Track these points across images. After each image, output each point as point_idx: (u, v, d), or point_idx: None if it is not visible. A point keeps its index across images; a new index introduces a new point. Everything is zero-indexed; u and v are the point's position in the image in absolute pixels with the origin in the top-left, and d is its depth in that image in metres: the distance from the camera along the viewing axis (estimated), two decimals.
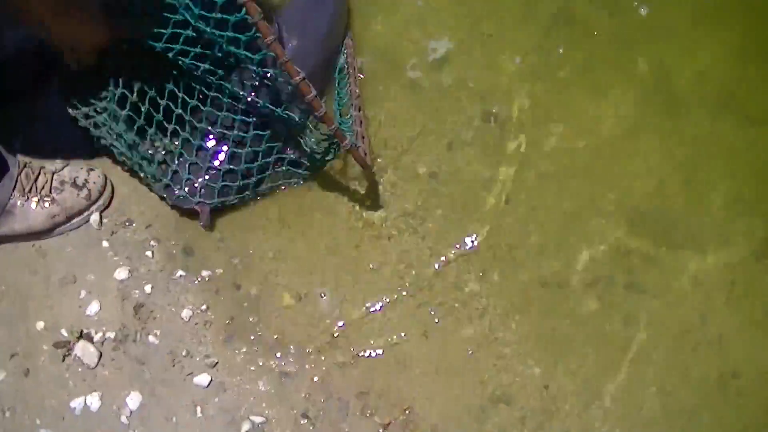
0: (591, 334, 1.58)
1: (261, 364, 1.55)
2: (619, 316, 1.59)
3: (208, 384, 1.53)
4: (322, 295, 1.61)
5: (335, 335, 1.57)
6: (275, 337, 1.57)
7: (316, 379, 1.53)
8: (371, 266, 1.64)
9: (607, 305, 1.61)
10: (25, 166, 1.57)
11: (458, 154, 1.76)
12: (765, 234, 1.70)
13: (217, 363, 1.55)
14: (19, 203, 1.56)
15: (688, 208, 1.72)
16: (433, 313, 1.60)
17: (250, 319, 1.59)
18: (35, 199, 1.57)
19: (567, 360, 1.56)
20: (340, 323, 1.59)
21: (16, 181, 1.55)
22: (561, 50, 1.90)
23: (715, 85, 1.87)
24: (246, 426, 1.49)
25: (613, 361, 1.56)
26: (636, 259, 1.65)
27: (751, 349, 1.58)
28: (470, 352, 1.57)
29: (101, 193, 1.64)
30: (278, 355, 1.55)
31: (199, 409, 1.51)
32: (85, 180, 1.62)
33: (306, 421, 1.51)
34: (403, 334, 1.58)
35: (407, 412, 1.52)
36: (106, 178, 1.65)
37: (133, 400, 1.51)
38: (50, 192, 1.58)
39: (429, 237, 1.68)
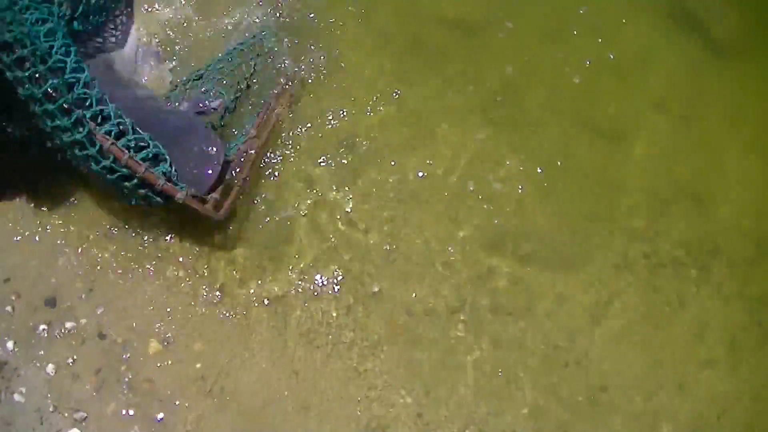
0: (460, 360, 1.59)
1: (132, 414, 1.52)
2: (487, 339, 1.59)
3: None
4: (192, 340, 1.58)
5: (204, 377, 1.54)
6: (145, 385, 1.53)
7: (189, 425, 1.51)
8: (237, 311, 1.61)
9: (473, 329, 1.61)
10: None
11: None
12: (622, 247, 1.70)
13: (86, 417, 1.51)
14: None
15: (548, 226, 1.73)
16: (301, 349, 1.59)
17: (120, 369, 1.54)
18: None
19: (438, 387, 1.57)
20: (211, 369, 1.55)
21: None
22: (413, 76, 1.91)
23: (565, 101, 1.90)
24: None
25: (484, 385, 1.57)
26: (500, 281, 1.65)
27: (616, 362, 1.61)
28: (341, 386, 1.56)
29: None
30: (149, 402, 1.51)
31: None
32: None
33: None
34: (273, 373, 1.57)
35: None
36: None
37: None
38: None
39: (292, 272, 1.65)
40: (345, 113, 1.85)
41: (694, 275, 1.72)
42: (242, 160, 1.64)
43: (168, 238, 1.65)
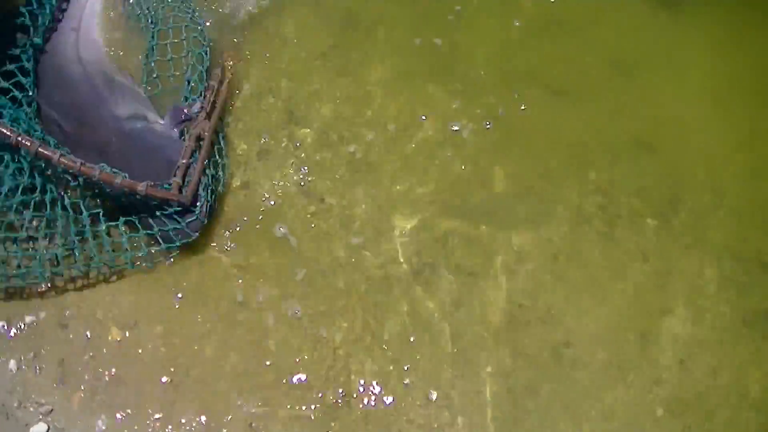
0: (421, 324, 1.60)
1: (98, 402, 1.52)
2: (449, 301, 1.60)
3: None
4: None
5: (169, 361, 1.55)
6: (109, 373, 1.53)
7: (156, 410, 1.51)
8: (195, 290, 1.61)
9: (434, 293, 1.62)
10: None
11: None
12: (578, 201, 1.72)
13: (52, 409, 1.51)
14: None
15: (503, 185, 1.74)
16: (265, 322, 1.60)
17: (83, 358, 1.54)
18: None
19: (401, 353, 1.58)
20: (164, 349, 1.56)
21: None
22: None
23: (512, 60, 1.91)
24: None
25: (447, 348, 1.58)
26: (458, 243, 1.66)
27: (579, 317, 1.62)
28: (304, 356, 1.57)
29: None
30: (115, 391, 1.51)
31: None
32: None
33: None
34: (232, 354, 1.58)
35: (252, 425, 1.52)
36: None
37: None
38: None
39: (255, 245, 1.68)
40: (286, 86, 1.82)
41: (652, 225, 1.73)
42: (199, 142, 1.66)
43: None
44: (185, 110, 1.71)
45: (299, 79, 1.87)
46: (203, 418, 1.50)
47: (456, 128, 1.81)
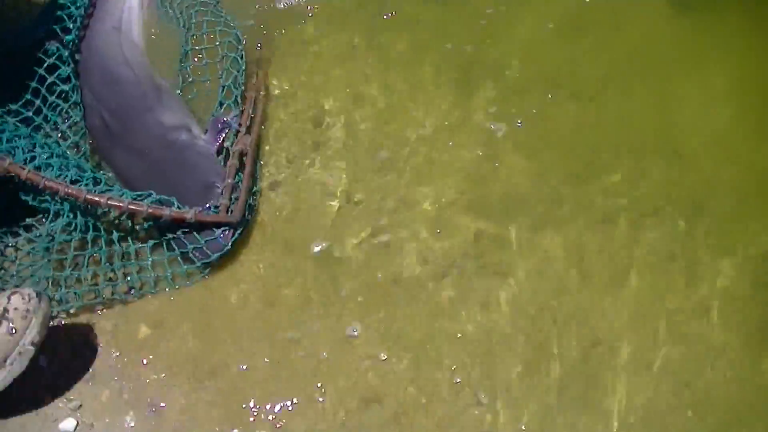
0: (449, 325, 1.60)
1: (126, 398, 1.52)
2: (475, 301, 1.60)
3: (75, 428, 1.50)
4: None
5: (195, 358, 1.56)
6: (138, 370, 1.53)
7: (183, 408, 1.51)
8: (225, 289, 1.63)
9: (461, 294, 1.62)
10: None
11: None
12: (603, 202, 1.73)
13: (80, 405, 1.51)
14: None
15: (529, 188, 1.75)
16: (288, 323, 1.61)
17: (111, 355, 1.54)
18: None
19: (429, 354, 1.57)
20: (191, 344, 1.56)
21: None
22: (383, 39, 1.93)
23: (538, 63, 1.93)
24: None
25: (476, 348, 1.58)
26: (485, 244, 1.66)
27: (606, 316, 1.61)
28: (334, 358, 1.57)
29: (30, 321, 1.30)
30: (143, 387, 1.52)
31: None
32: (5, 309, 1.27)
33: None
34: (263, 347, 1.58)
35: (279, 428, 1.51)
36: (37, 298, 1.31)
37: None
38: None
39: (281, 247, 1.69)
40: (316, 90, 1.85)
41: (678, 227, 1.73)
42: (243, 158, 1.66)
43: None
44: (224, 119, 1.70)
45: (326, 82, 1.88)
46: (227, 414, 1.48)
47: (483, 130, 1.82)
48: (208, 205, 1.55)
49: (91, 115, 1.67)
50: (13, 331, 1.27)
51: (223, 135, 1.69)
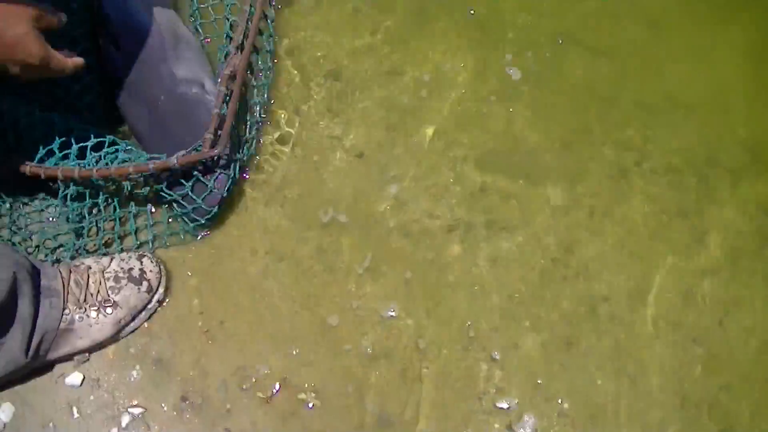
0: (458, 279, 1.59)
1: (133, 352, 1.52)
2: (484, 255, 1.59)
3: (81, 383, 1.50)
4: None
5: (201, 312, 1.54)
6: (144, 325, 1.53)
7: (191, 362, 1.50)
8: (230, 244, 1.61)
9: (470, 248, 1.61)
10: (70, 272, 1.37)
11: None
12: (616, 157, 1.72)
13: (87, 359, 1.50)
14: (77, 317, 1.36)
15: (540, 141, 1.73)
16: (297, 277, 1.59)
17: None
18: (94, 308, 1.38)
19: (438, 308, 1.57)
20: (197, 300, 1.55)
21: (66, 293, 1.34)
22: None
23: (549, 17, 1.88)
24: (126, 419, 1.47)
25: (484, 303, 1.57)
26: (494, 198, 1.65)
27: (616, 272, 1.61)
28: (340, 312, 1.56)
29: (159, 281, 1.48)
30: (149, 342, 1.51)
31: (75, 409, 1.48)
32: (141, 270, 1.45)
33: (186, 403, 1.49)
34: (269, 299, 1.57)
35: (286, 379, 1.51)
36: (159, 263, 1.49)
37: (5, 412, 1.47)
38: (108, 295, 1.39)
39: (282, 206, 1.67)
40: (325, 41, 1.81)
41: (690, 183, 1.71)
42: (228, 84, 1.53)
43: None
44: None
45: (339, 35, 1.85)
46: (235, 368, 1.48)
47: (491, 85, 1.79)
48: (191, 148, 1.44)
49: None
50: (151, 289, 1.45)
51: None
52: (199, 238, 1.60)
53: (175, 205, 1.54)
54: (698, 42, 1.89)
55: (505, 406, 1.50)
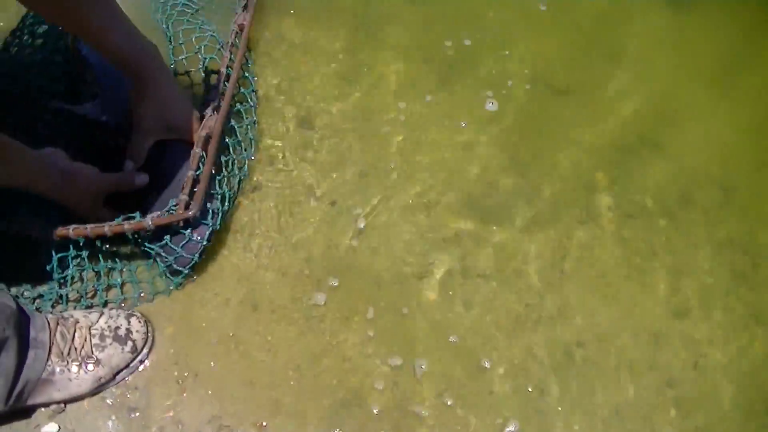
0: (433, 326, 1.60)
1: (108, 402, 1.52)
2: (459, 302, 1.59)
3: None
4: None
5: (177, 362, 1.54)
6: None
7: (166, 412, 1.50)
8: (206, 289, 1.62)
9: (444, 294, 1.61)
10: (57, 324, 1.37)
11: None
12: (587, 201, 1.72)
13: (63, 410, 1.50)
14: (58, 369, 1.35)
15: (511, 187, 1.74)
16: (273, 325, 1.60)
17: None
18: (76, 363, 1.37)
19: (411, 356, 1.57)
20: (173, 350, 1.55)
21: (51, 345, 1.34)
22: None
23: (517, 61, 1.93)
24: None
25: (459, 350, 1.57)
26: (468, 244, 1.66)
27: (590, 316, 1.61)
28: (313, 361, 1.56)
29: (145, 342, 1.47)
30: (125, 392, 1.51)
31: None
32: (128, 330, 1.45)
33: None
34: (244, 348, 1.57)
35: (263, 426, 1.51)
36: (147, 323, 1.49)
37: None
38: (92, 352, 1.39)
39: (254, 252, 1.68)
40: (298, 90, 1.84)
41: (662, 224, 1.73)
42: (204, 146, 1.53)
43: None
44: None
45: (310, 80, 1.88)
46: (212, 415, 1.48)
47: (461, 127, 1.81)
48: (166, 208, 1.45)
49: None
50: (135, 350, 1.45)
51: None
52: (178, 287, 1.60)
53: (157, 259, 1.54)
54: (666, 81, 1.92)
55: None
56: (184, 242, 1.52)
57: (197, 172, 1.51)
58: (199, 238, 1.52)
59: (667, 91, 1.92)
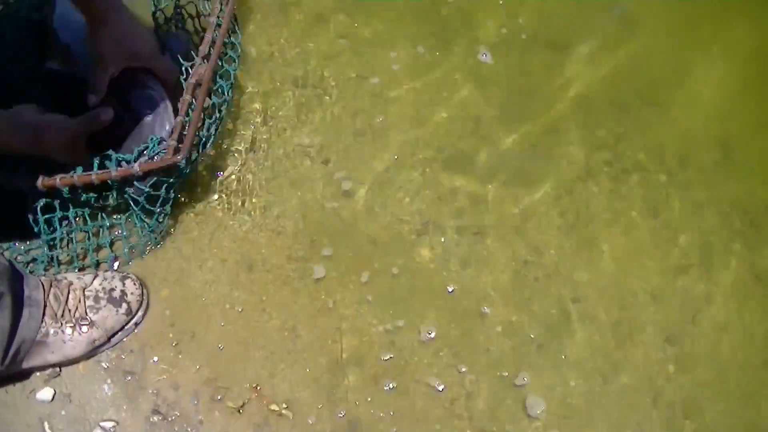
0: (428, 284, 1.58)
1: (104, 366, 1.51)
2: (455, 260, 1.58)
3: (52, 398, 1.49)
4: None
5: (172, 324, 1.53)
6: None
7: (161, 374, 1.50)
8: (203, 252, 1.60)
9: (440, 252, 1.59)
10: (51, 285, 1.36)
11: None
12: (584, 156, 1.71)
13: (58, 374, 1.50)
14: (52, 331, 1.35)
15: (508, 143, 1.72)
16: (268, 285, 1.58)
17: None
18: (70, 325, 1.37)
19: (408, 313, 1.56)
20: (168, 312, 1.53)
21: (45, 306, 1.33)
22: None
23: (514, 16, 1.90)
24: None
25: (455, 307, 1.56)
26: (463, 201, 1.64)
27: (587, 273, 1.60)
28: (310, 321, 1.55)
29: (140, 304, 1.47)
30: (120, 355, 1.50)
31: (46, 425, 1.47)
32: (122, 292, 1.44)
33: (158, 417, 1.48)
34: (240, 309, 1.56)
35: (258, 389, 1.50)
36: (142, 286, 1.48)
37: None
38: (86, 314, 1.38)
39: (250, 212, 1.67)
40: (292, 47, 1.81)
41: (660, 180, 1.71)
42: (193, 91, 1.51)
43: None
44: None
45: (304, 38, 1.86)
46: (208, 377, 1.47)
47: (457, 85, 1.78)
48: (156, 153, 1.42)
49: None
50: (130, 312, 1.44)
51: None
52: (162, 242, 1.59)
53: (131, 202, 1.52)
54: (667, 38, 1.89)
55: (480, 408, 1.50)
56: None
57: (187, 119, 1.49)
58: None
59: (665, 50, 1.89)
